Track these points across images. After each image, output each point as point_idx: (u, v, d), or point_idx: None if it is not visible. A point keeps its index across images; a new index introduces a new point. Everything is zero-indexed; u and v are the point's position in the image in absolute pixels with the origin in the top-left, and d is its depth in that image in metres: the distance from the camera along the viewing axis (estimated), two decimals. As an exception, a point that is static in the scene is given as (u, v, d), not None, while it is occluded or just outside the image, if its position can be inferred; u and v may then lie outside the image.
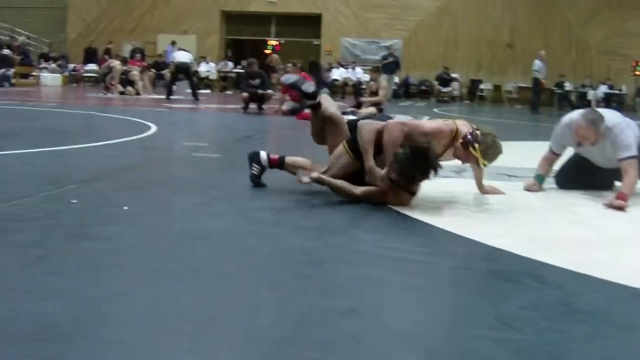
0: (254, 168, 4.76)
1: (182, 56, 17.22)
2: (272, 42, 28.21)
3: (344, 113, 5.42)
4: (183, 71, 17.25)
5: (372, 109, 12.29)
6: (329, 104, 4.74)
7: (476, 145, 4.39)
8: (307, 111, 12.16)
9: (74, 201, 4.00)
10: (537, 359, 2.07)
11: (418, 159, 4.06)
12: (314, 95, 4.71)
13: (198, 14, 28.71)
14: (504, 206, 4.43)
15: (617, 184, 5.46)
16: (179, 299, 2.45)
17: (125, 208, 3.90)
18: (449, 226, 3.84)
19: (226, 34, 29.82)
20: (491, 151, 4.48)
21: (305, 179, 4.22)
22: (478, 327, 2.32)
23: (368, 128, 4.37)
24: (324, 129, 4.71)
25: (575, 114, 5.22)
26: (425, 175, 4.14)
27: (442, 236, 3.69)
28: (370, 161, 4.32)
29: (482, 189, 4.92)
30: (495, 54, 27.18)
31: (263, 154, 4.78)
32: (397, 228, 3.82)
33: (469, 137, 4.41)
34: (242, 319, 2.29)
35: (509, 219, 4.20)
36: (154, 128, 8.92)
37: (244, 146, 7.99)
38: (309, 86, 4.76)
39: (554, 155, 5.50)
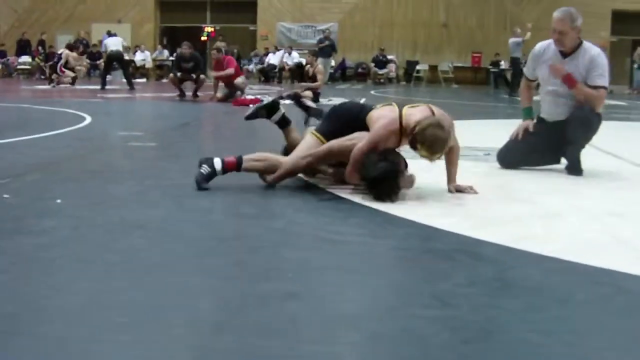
0: (204, 168, 4.24)
1: (113, 43, 16.76)
2: (208, 28, 27.93)
3: (280, 98, 5.36)
4: (116, 60, 16.82)
5: (309, 93, 12.30)
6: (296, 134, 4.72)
7: (418, 146, 3.98)
8: (243, 97, 12.19)
9: (6, 196, 3.91)
10: (472, 334, 2.10)
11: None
12: (276, 107, 4.69)
13: (132, 2, 28.26)
14: (443, 186, 4.45)
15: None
16: (117, 291, 2.42)
17: (59, 201, 3.83)
18: (387, 208, 3.85)
19: (161, 22, 29.41)
20: (437, 144, 3.96)
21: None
22: (415, 306, 2.34)
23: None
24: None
25: None
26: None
27: (380, 218, 3.69)
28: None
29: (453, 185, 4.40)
30: (431, 35, 27.35)
31: (217, 159, 4.27)
32: (335, 210, 3.83)
33: (412, 137, 4.01)
34: (181, 308, 2.27)
35: (449, 198, 4.23)
36: (88, 119, 8.76)
37: (180, 134, 7.94)
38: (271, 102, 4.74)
39: (530, 82, 5.67)
